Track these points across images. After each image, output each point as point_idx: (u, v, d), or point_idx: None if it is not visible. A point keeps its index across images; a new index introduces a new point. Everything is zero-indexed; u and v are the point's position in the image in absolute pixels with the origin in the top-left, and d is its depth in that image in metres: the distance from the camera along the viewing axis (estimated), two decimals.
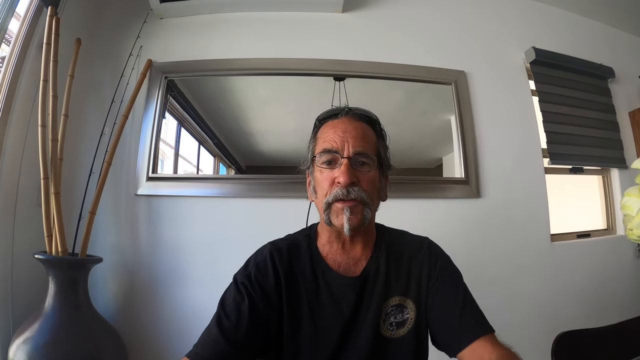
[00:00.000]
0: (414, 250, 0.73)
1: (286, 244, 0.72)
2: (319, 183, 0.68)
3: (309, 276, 0.69)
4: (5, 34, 1.19)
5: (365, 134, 0.68)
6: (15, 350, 0.97)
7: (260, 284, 0.66)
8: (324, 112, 0.74)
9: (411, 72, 1.56)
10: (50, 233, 1.12)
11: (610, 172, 1.82)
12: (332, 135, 0.67)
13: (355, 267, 0.70)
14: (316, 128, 0.73)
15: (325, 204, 0.65)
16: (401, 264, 0.72)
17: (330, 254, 0.71)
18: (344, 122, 0.68)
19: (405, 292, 0.69)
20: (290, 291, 0.67)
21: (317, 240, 0.73)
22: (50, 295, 1.06)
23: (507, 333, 0.63)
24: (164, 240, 1.36)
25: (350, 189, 0.63)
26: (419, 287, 0.70)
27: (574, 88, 1.76)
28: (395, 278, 0.70)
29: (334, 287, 0.68)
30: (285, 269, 0.68)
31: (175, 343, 1.30)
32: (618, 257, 1.66)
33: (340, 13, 1.62)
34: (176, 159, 1.50)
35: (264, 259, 0.69)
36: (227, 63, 1.51)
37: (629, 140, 1.79)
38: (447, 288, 0.69)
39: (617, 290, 1.59)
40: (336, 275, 0.69)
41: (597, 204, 1.84)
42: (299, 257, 0.70)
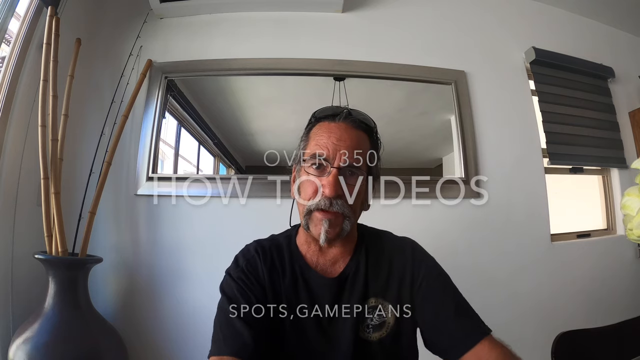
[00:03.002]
0: (395, 251, 0.72)
1: (268, 243, 0.74)
2: (303, 185, 0.66)
3: (289, 273, 0.69)
4: (5, 34, 1.19)
5: (359, 145, 0.66)
6: (15, 350, 0.97)
7: (254, 276, 0.68)
8: (322, 109, 0.71)
9: (411, 72, 1.56)
10: (50, 233, 1.12)
11: (610, 172, 1.82)
12: (326, 141, 0.65)
13: (333, 268, 0.70)
14: (311, 124, 0.71)
15: (307, 210, 0.64)
16: (381, 266, 0.70)
17: (309, 254, 0.71)
18: (340, 129, 0.66)
19: (383, 295, 0.68)
20: (273, 287, 0.68)
21: (297, 239, 0.73)
22: (50, 295, 1.06)
23: (507, 333, 0.63)
24: (164, 240, 1.36)
25: (334, 201, 0.62)
26: (400, 289, 0.69)
27: (574, 88, 1.76)
28: (374, 280, 0.69)
29: (313, 285, 0.68)
30: (268, 266, 0.69)
31: (175, 343, 1.29)
32: (618, 257, 1.66)
33: (340, 13, 1.62)
34: (176, 159, 1.50)
35: (252, 255, 0.70)
36: (227, 63, 1.51)
37: (629, 140, 1.79)
38: (437, 293, 0.67)
39: (617, 290, 1.59)
40: (314, 275, 0.69)
41: (597, 204, 1.84)
42: (280, 256, 0.71)
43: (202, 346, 0.63)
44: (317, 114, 0.71)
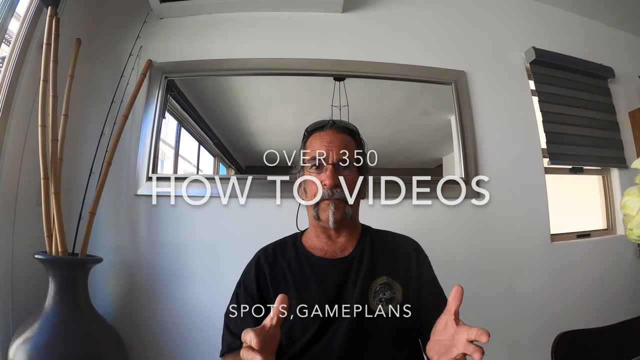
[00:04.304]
0: (399, 243, 0.84)
1: (273, 245, 0.85)
2: (309, 185, 0.79)
3: (294, 264, 0.80)
4: (5, 34, 1.19)
5: (347, 144, 0.80)
6: (15, 350, 0.97)
7: (248, 286, 0.79)
8: (312, 124, 0.85)
9: (411, 72, 1.56)
10: (50, 233, 1.11)
11: (610, 172, 1.82)
12: (319, 145, 0.79)
13: (342, 253, 0.80)
14: (305, 138, 0.85)
15: (315, 204, 0.77)
16: (387, 251, 0.81)
17: (318, 245, 0.81)
18: (329, 135, 0.80)
19: (391, 274, 0.77)
20: (276, 281, 0.78)
21: (304, 238, 0.85)
22: (50, 295, 1.06)
23: (507, 333, 0.64)
24: (164, 240, 1.36)
25: (334, 190, 0.76)
26: (407, 274, 0.78)
27: (574, 88, 1.75)
28: (381, 261, 0.79)
29: (319, 269, 0.78)
30: (270, 265, 0.80)
31: (175, 342, 1.29)
32: (618, 257, 1.66)
33: (340, 13, 1.62)
34: (176, 159, 1.50)
35: (250, 264, 0.83)
36: (227, 63, 1.51)
37: (629, 140, 1.79)
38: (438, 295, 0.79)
39: (617, 290, 1.59)
40: (320, 259, 0.79)
41: (597, 204, 1.84)
42: (285, 252, 0.83)
43: (202, 345, 0.64)
44: (308, 128, 0.85)
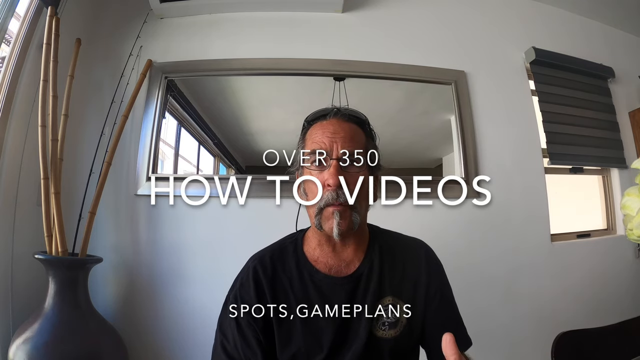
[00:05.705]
0: (409, 252, 0.73)
1: (270, 252, 0.72)
2: (309, 185, 0.67)
3: (297, 280, 0.68)
4: (5, 34, 1.19)
5: (354, 135, 0.67)
6: (15, 350, 0.97)
7: (245, 300, 0.67)
8: (312, 113, 0.72)
9: (411, 72, 1.56)
10: (50, 233, 1.11)
11: (610, 172, 1.82)
12: (321, 137, 0.66)
13: (347, 269, 0.69)
14: (305, 129, 0.72)
15: (318, 209, 0.64)
16: (395, 265, 0.71)
17: (321, 257, 0.70)
18: (333, 124, 0.67)
19: (398, 294, 0.69)
20: (277, 299, 0.67)
21: (305, 245, 0.72)
22: (50, 295, 1.06)
23: (507, 333, 0.64)
24: (164, 240, 1.36)
25: (339, 192, 0.62)
26: (416, 291, 0.70)
27: (574, 88, 1.75)
28: (389, 278, 0.69)
29: (324, 288, 0.68)
30: (269, 279, 0.68)
31: (175, 342, 1.30)
32: (618, 257, 1.66)
33: (340, 13, 1.61)
34: (176, 159, 1.50)
35: (247, 276, 0.69)
36: (227, 63, 1.51)
37: (629, 140, 1.79)
38: (444, 305, 0.71)
39: (617, 290, 1.59)
40: (325, 277, 0.68)
41: (597, 204, 1.83)
42: (285, 263, 0.70)
43: (202, 345, 0.64)
44: (308, 118, 0.73)
